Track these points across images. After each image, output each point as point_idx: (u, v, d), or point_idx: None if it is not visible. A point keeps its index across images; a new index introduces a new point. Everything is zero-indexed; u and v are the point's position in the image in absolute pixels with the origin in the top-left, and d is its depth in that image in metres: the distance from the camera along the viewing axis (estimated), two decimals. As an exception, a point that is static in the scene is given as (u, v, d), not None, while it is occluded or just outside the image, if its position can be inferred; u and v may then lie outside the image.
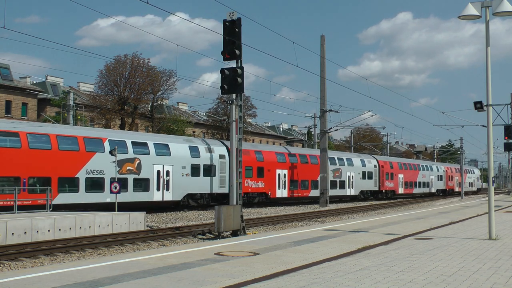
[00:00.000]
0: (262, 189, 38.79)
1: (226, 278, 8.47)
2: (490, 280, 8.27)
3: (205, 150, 34.87)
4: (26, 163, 25.24)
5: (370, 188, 53.25)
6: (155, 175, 31.24)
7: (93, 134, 29.64)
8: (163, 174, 31.67)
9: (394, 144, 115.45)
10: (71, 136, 27.77)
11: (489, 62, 14.07)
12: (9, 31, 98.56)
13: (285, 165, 41.22)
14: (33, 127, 27.57)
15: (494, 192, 75.58)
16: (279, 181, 40.39)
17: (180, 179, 32.63)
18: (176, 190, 32.33)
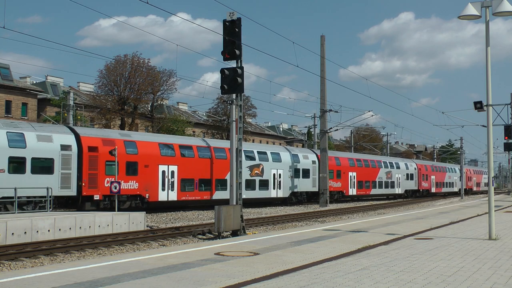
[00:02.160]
0: (339, 188, 48.44)
1: (226, 278, 8.47)
2: (490, 280, 8.27)
3: (302, 157, 44.09)
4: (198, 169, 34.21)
5: (412, 188, 62.36)
6: (271, 177, 40.15)
7: (256, 148, 40.43)
8: (277, 176, 40.69)
9: (394, 144, 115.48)
10: (221, 148, 36.52)
11: (489, 62, 14.07)
12: (9, 31, 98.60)
13: (354, 169, 50.97)
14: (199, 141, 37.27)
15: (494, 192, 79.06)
16: (351, 182, 50.08)
17: (287, 180, 41.61)
18: (285, 189, 41.33)
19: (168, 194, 32.19)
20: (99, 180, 28.51)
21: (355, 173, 50.97)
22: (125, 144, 30.46)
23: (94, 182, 28.31)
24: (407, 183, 61.01)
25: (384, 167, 56.27)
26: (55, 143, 26.92)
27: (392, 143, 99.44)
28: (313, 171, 44.72)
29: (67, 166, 27.15)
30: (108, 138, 29.82)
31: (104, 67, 51.23)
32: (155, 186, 31.41)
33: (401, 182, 59.45)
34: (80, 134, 28.59)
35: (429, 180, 66.95)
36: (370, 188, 53.68)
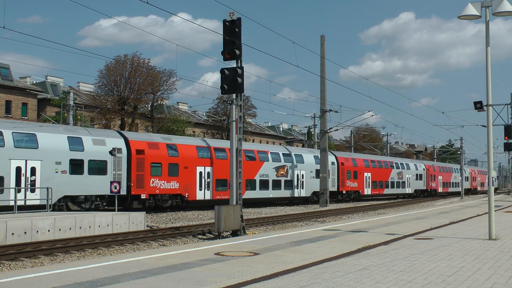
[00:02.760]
0: (356, 188, 51.96)
1: (226, 278, 8.48)
2: (490, 280, 8.27)
3: (314, 160, 46.59)
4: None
5: (421, 188, 65.13)
6: (295, 177, 43.08)
7: (261, 148, 42.71)
8: (300, 177, 43.63)
9: (394, 144, 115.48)
10: (250, 150, 39.08)
11: (489, 62, 14.07)
12: (9, 31, 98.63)
13: (369, 170, 54.14)
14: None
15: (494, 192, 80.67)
16: (366, 182, 53.31)
17: (309, 181, 44.71)
18: (307, 188, 44.39)
19: (205, 193, 34.75)
20: (145, 180, 30.94)
21: (370, 173, 53.78)
22: (167, 147, 33.00)
23: (141, 182, 30.67)
24: (416, 183, 63.84)
25: (396, 168, 59.22)
26: (108, 147, 28.87)
27: (392, 143, 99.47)
28: (332, 171, 47.39)
29: (118, 168, 29.62)
30: (153, 141, 32.28)
31: (104, 67, 51.30)
32: (193, 186, 33.96)
33: (411, 182, 62.27)
34: (128, 138, 31.18)
35: (437, 180, 70.35)
36: (383, 188, 56.40)
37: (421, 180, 65.21)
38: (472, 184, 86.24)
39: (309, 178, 44.59)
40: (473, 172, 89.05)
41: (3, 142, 25.17)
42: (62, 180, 27.04)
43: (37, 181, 26.04)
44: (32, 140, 26.64)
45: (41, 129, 27.78)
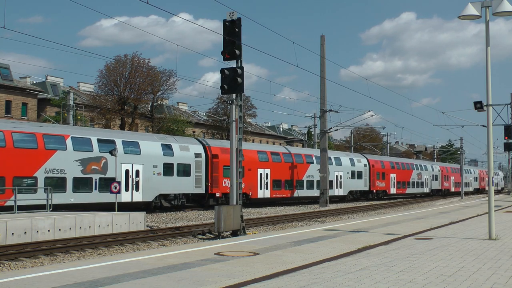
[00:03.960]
0: (383, 188, 56.62)
1: (226, 278, 8.48)
2: (490, 280, 8.27)
3: (356, 161, 51.76)
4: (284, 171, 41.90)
5: (436, 187, 70.63)
6: (335, 178, 47.48)
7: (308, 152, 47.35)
8: (338, 177, 48.00)
9: (394, 144, 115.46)
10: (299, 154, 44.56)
11: (489, 62, 14.07)
12: (10, 31, 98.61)
13: (394, 171, 58.77)
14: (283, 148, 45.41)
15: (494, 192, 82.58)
16: (392, 182, 58.31)
17: (346, 181, 49.43)
18: (344, 188, 49.02)
19: (264, 192, 39.78)
20: (219, 181, 35.55)
21: (395, 174, 58.81)
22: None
23: (216, 182, 35.41)
24: (433, 183, 69.33)
25: (416, 169, 64.40)
26: (191, 152, 33.99)
27: (392, 143, 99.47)
28: (364, 173, 52.38)
29: (199, 170, 34.32)
30: (224, 147, 35.96)
31: (104, 67, 51.29)
32: (255, 185, 38.86)
33: (428, 182, 67.72)
34: (206, 144, 36.10)
35: (450, 180, 76.09)
36: (406, 187, 61.41)
37: (437, 181, 70.75)
38: (481, 184, 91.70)
39: (346, 179, 49.49)
40: (482, 173, 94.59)
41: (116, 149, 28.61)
42: (158, 181, 31.54)
43: (140, 181, 30.65)
44: (136, 147, 31.12)
45: (142, 137, 32.79)
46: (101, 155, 28.77)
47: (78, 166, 27.83)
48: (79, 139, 28.52)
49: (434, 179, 69.93)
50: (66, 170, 27.18)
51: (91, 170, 28.36)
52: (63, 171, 27.05)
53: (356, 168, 51.34)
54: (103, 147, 28.92)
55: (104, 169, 28.87)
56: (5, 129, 25.65)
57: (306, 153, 46.27)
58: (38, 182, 26.20)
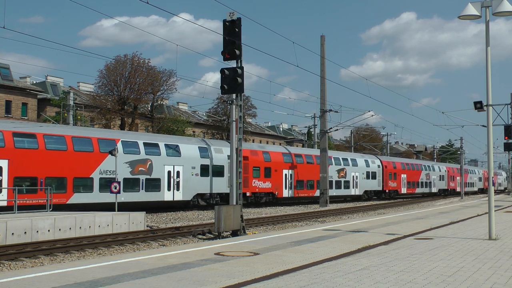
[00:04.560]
0: (395, 187, 59.03)
1: (226, 278, 8.47)
2: (490, 280, 8.27)
3: (371, 162, 54.45)
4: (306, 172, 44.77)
5: (443, 187, 73.42)
6: (351, 178, 50.39)
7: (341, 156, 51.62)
8: (355, 178, 50.61)
9: (394, 144, 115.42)
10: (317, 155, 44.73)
11: (489, 62, 14.07)
12: (11, 31, 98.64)
13: (405, 171, 61.41)
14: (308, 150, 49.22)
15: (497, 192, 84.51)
16: (403, 182, 60.78)
17: (362, 181, 52.16)
18: (360, 188, 51.86)
19: (288, 191, 42.39)
20: (249, 181, 37.97)
21: (405, 175, 61.21)
22: (263, 154, 40.31)
23: (246, 183, 37.31)
24: (440, 183, 72.22)
25: (424, 170, 66.97)
26: (224, 154, 35.96)
27: (392, 143, 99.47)
28: (378, 173, 55.07)
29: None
30: (253, 150, 39.81)
31: (104, 67, 51.26)
32: (281, 185, 41.51)
33: (435, 182, 70.52)
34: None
35: (455, 181, 79.14)
36: (415, 187, 63.88)
37: (443, 181, 73.70)
38: (485, 184, 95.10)
39: (361, 179, 52.18)
40: (486, 173, 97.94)
41: (159, 152, 32.10)
42: (196, 181, 33.97)
43: (180, 182, 33.07)
44: (177, 150, 33.51)
45: (182, 140, 35.39)
46: (147, 157, 31.36)
47: (127, 168, 30.12)
48: (128, 143, 30.91)
49: (441, 179, 72.85)
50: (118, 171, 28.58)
51: (138, 171, 30.73)
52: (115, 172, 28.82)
53: (371, 169, 53.88)
54: (149, 150, 31.57)
55: (150, 170, 31.28)
56: (66, 134, 28.09)
57: None
58: (94, 182, 28.42)
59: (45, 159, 26.49)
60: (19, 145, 25.86)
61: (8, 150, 25.11)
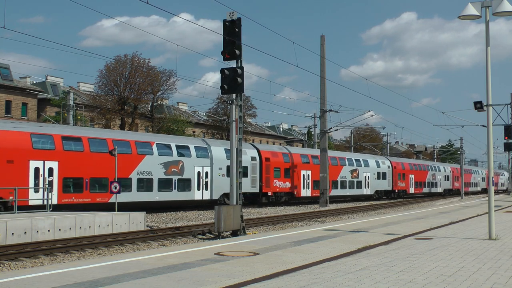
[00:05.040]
0: (403, 187, 61.03)
1: (226, 278, 8.48)
2: (490, 280, 8.27)
3: (381, 163, 56.64)
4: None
5: (448, 187, 76.09)
6: (364, 178, 52.49)
7: (341, 155, 52.55)
8: (367, 178, 52.85)
9: (394, 144, 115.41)
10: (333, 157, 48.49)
11: (489, 62, 14.07)
12: (11, 31, 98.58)
13: (413, 172, 63.72)
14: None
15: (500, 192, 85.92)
16: (411, 182, 62.77)
17: (373, 181, 53.94)
18: (372, 188, 53.96)
19: (306, 191, 44.49)
20: (270, 181, 40.47)
21: (413, 175, 63.44)
22: (283, 155, 42.73)
23: (268, 182, 40.30)
24: (445, 183, 74.43)
25: (431, 170, 69.24)
26: (248, 156, 37.87)
27: (392, 143, 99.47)
28: (388, 174, 57.37)
29: (254, 172, 38.67)
30: (274, 151, 42.35)
31: (104, 67, 51.26)
32: (300, 185, 43.72)
33: (441, 182, 72.78)
34: (259, 149, 40.62)
35: (459, 181, 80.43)
36: (422, 187, 65.99)
37: (448, 181, 76.20)
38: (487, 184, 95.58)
39: (373, 179, 54.24)
40: None
41: (190, 154, 34.03)
42: (222, 181, 34.89)
43: (208, 182, 34.81)
44: (205, 151, 35.46)
45: (210, 143, 37.14)
46: (179, 159, 33.16)
47: (161, 169, 31.92)
48: (162, 145, 32.75)
49: (446, 180, 75.12)
50: (153, 172, 31.25)
51: (171, 172, 32.51)
52: (151, 173, 31.15)
53: (381, 169, 56.12)
54: (181, 152, 33.48)
55: (181, 171, 33.07)
56: (107, 137, 29.97)
57: (339, 156, 51.81)
58: (132, 182, 30.13)
59: (90, 161, 28.39)
60: (67, 147, 27.72)
61: (58, 153, 26.93)
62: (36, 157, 26.03)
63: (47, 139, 26.99)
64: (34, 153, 26.05)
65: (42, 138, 26.91)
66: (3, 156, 24.93)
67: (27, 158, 25.71)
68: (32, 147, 26.09)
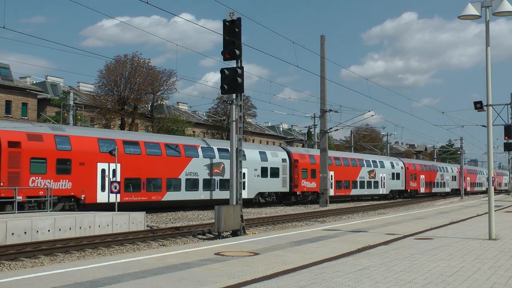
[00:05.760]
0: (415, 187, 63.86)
1: (226, 278, 8.48)
2: (490, 280, 8.27)
3: (395, 164, 60.15)
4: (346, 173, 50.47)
5: (455, 187, 78.02)
6: (380, 179, 55.53)
7: (359, 157, 55.76)
8: (382, 178, 55.92)
9: (394, 144, 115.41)
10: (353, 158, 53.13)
11: (489, 62, 14.07)
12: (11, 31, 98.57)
13: (423, 172, 66.37)
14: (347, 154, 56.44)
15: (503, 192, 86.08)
16: (421, 182, 65.68)
17: (388, 181, 57.05)
18: (387, 187, 57.02)
19: (329, 190, 45.54)
20: (299, 181, 43.62)
21: (424, 175, 66.46)
22: (309, 157, 45.77)
23: (297, 183, 43.20)
24: (452, 183, 77.35)
25: (439, 171, 72.47)
26: (279, 158, 41.61)
27: (392, 143, 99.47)
28: (401, 174, 60.50)
29: (285, 173, 41.80)
30: (302, 153, 45.68)
31: (104, 67, 51.24)
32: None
33: (448, 182, 75.75)
34: (290, 151, 44.08)
35: (466, 181, 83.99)
36: (432, 187, 69.12)
37: (455, 181, 79.00)
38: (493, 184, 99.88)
39: (388, 180, 57.32)
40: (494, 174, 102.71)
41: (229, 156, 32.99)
42: (257, 181, 38.90)
43: (246, 182, 37.29)
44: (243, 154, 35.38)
45: (246, 146, 39.51)
46: (220, 161, 36.01)
47: (206, 170, 34.93)
48: (206, 148, 35.87)
49: (453, 180, 78.01)
50: (199, 173, 34.30)
51: (214, 173, 35.52)
52: (197, 174, 34.18)
53: (395, 170, 59.37)
54: (222, 154, 36.19)
55: (222, 172, 35.90)
56: (160, 141, 32.77)
57: (358, 157, 55.11)
58: (181, 182, 32.97)
59: (146, 163, 31.18)
60: (127, 150, 30.47)
61: (120, 156, 28.35)
62: (103, 159, 28.58)
63: (111, 143, 29.45)
64: (101, 156, 28.79)
65: (107, 143, 29.56)
66: (77, 159, 27.94)
67: (95, 161, 28.66)
68: (99, 151, 29.02)
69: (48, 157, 26.64)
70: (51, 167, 26.70)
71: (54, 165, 26.82)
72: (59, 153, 27.28)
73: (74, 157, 27.83)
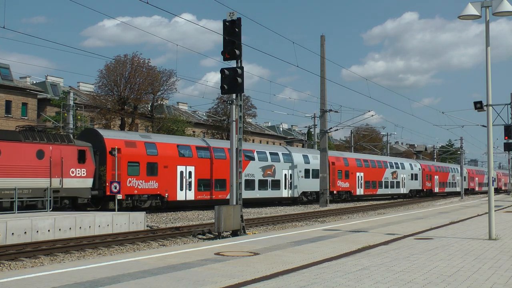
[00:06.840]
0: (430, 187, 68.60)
1: (226, 278, 8.48)
2: (490, 280, 8.27)
3: (413, 166, 64.60)
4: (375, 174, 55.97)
5: (465, 187, 78.73)
6: (401, 179, 60.30)
7: (383, 159, 60.47)
8: (403, 178, 60.68)
9: (394, 144, 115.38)
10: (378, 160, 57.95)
11: (489, 62, 14.06)
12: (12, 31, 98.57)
13: (437, 173, 71.37)
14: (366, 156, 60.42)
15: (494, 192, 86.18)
16: (435, 182, 70.42)
17: (408, 182, 61.97)
18: (407, 187, 61.63)
19: (360, 190, 52.43)
20: (335, 181, 47.94)
21: (438, 176, 71.59)
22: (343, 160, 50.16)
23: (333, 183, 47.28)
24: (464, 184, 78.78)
25: (451, 172, 77.73)
26: (416, 168, 48.33)
27: (392, 143, 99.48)
28: (419, 175, 65.29)
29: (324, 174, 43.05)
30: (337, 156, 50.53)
31: (104, 67, 51.20)
32: (355, 185, 51.49)
33: (459, 182, 77.87)
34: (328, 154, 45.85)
35: (474, 181, 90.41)
36: (445, 187, 74.28)
37: (465, 181, 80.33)
38: (498, 184, 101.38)
39: (408, 180, 61.97)
40: (499, 174, 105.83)
41: (279, 159, 41.59)
42: (301, 182, 43.44)
43: (292, 182, 42.33)
44: (289, 157, 43.07)
45: (292, 150, 45.11)
46: (272, 164, 40.53)
47: (260, 172, 39.31)
48: (260, 152, 40.24)
49: (464, 180, 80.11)
50: (255, 175, 38.67)
51: (267, 174, 39.89)
52: (253, 175, 38.52)
53: (413, 171, 64.10)
54: (273, 157, 40.97)
55: (274, 173, 40.47)
56: (225, 147, 35.47)
57: (383, 159, 59.81)
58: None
59: (214, 166, 35.25)
60: (200, 155, 34.77)
61: (194, 159, 34.20)
62: (181, 163, 33.16)
63: (187, 149, 34.22)
64: (180, 160, 33.27)
65: (184, 148, 34.10)
66: (162, 162, 32.18)
67: (176, 164, 32.93)
68: (178, 155, 33.41)
69: (140, 161, 31.04)
70: (143, 170, 31.08)
71: (145, 168, 31.19)
72: (149, 157, 31.65)
73: (160, 161, 32.09)
